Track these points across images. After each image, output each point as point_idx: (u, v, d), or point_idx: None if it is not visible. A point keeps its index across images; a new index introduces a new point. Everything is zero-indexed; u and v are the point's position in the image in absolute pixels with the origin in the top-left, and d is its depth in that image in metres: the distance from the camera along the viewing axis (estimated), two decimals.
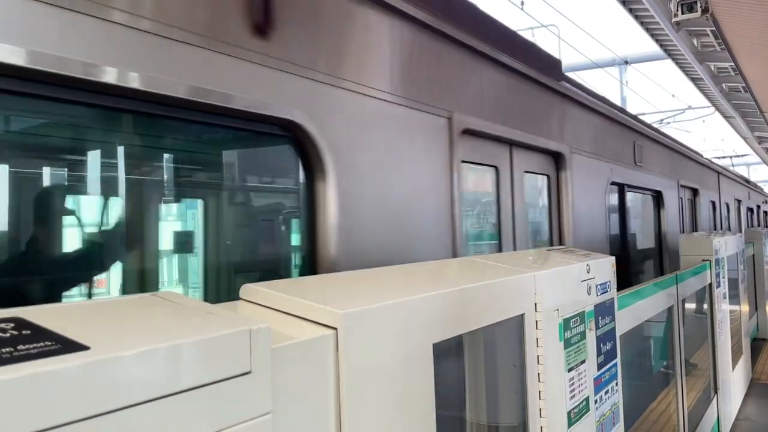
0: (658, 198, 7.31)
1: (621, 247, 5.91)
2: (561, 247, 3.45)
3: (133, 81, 1.68)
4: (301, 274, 2.38)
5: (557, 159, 4.59)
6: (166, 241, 2.16)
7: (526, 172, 4.20)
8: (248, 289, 1.41)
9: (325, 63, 2.36)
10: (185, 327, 0.99)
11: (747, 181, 17.82)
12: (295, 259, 2.51)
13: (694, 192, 9.59)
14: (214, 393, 0.95)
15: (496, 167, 3.82)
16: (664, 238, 7.33)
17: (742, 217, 14.26)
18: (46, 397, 0.75)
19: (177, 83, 1.79)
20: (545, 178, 4.52)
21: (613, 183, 5.63)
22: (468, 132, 3.37)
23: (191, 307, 1.11)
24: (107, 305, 1.09)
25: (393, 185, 2.69)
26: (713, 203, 11.20)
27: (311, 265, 2.32)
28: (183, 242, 2.25)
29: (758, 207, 18.46)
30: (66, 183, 1.97)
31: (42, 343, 0.84)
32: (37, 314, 0.98)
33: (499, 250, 3.84)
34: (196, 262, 2.26)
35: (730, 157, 20.27)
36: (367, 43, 2.63)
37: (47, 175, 1.91)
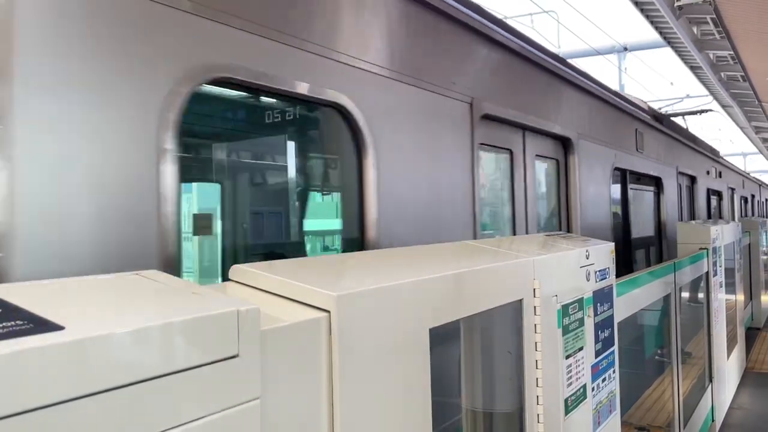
0: (718, 195, 12.38)
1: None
2: (560, 233, 3.41)
3: None
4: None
5: (692, 180, 8.15)
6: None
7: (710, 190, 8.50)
8: (238, 270, 1.36)
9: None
10: (168, 308, 0.94)
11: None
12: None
13: (732, 190, 15.04)
14: (199, 377, 0.90)
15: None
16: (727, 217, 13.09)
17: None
18: (16, 380, 0.70)
19: None
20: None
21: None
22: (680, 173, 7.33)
23: (175, 286, 1.05)
24: (88, 283, 1.03)
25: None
26: (742, 197, 16.97)
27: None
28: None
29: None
30: None
31: (13, 323, 0.78)
32: (11, 292, 0.92)
33: None
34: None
35: (682, 116, 13.42)
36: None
37: None
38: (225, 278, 1.60)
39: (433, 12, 2.94)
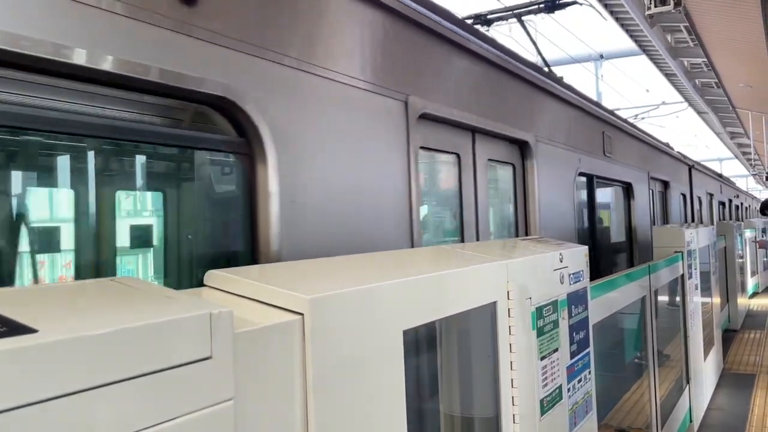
0: (730, 204, 15.29)
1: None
2: (534, 237, 3.46)
3: None
4: None
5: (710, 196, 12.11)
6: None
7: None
8: (213, 276, 1.38)
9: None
10: (141, 311, 0.96)
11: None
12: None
13: (731, 200, 18.15)
14: (172, 379, 0.92)
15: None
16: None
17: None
18: None
19: None
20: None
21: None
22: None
23: (149, 291, 1.07)
24: (62, 289, 1.05)
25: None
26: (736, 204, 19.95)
27: None
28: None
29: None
30: None
31: None
32: None
33: None
34: None
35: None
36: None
37: None
38: None
39: (614, 127, 6.25)
